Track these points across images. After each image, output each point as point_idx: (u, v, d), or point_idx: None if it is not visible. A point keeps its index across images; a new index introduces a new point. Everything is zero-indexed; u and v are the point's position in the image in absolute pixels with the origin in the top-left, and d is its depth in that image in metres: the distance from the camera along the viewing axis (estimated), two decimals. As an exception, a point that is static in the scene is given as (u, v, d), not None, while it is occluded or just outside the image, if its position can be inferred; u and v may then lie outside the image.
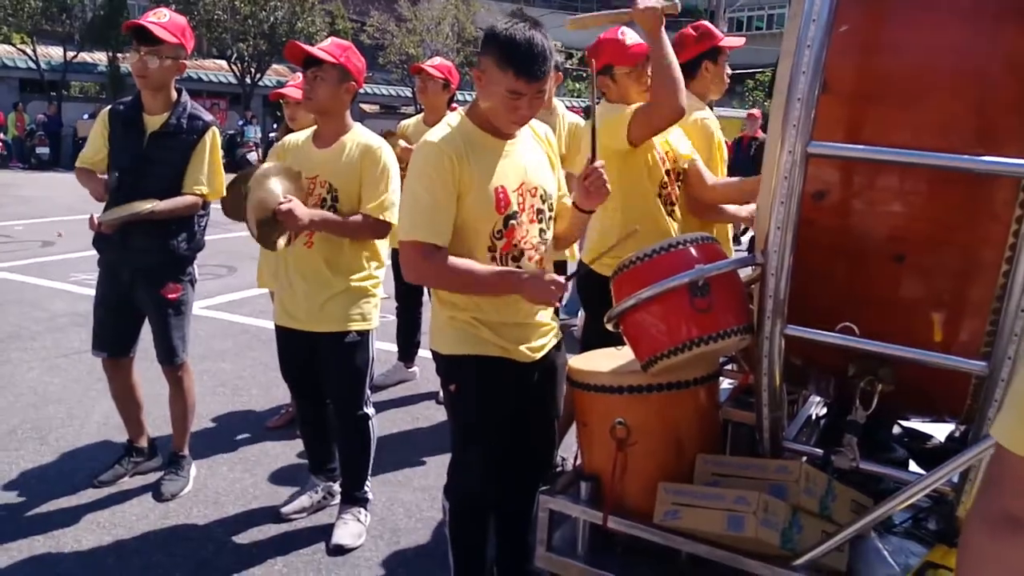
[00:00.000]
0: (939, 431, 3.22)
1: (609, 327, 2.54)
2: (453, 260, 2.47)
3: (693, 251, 2.41)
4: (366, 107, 32.24)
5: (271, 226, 3.18)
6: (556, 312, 2.85)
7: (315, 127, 3.43)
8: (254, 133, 24.22)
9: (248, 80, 29.10)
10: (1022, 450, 1.01)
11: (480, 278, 2.49)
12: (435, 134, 2.52)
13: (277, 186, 3.17)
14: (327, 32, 31.02)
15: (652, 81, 3.13)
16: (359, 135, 3.37)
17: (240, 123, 26.12)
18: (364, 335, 3.40)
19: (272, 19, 28.01)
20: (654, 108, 3.11)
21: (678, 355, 2.34)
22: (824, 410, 3.34)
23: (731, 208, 3.55)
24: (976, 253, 2.16)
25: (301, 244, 3.31)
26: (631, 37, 3.34)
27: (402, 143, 4.84)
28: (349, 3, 32.94)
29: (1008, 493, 1.02)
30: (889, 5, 2.21)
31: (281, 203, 3.11)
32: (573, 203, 2.65)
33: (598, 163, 2.49)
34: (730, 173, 3.81)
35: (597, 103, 2.77)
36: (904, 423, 3.18)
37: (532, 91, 2.41)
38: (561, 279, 2.49)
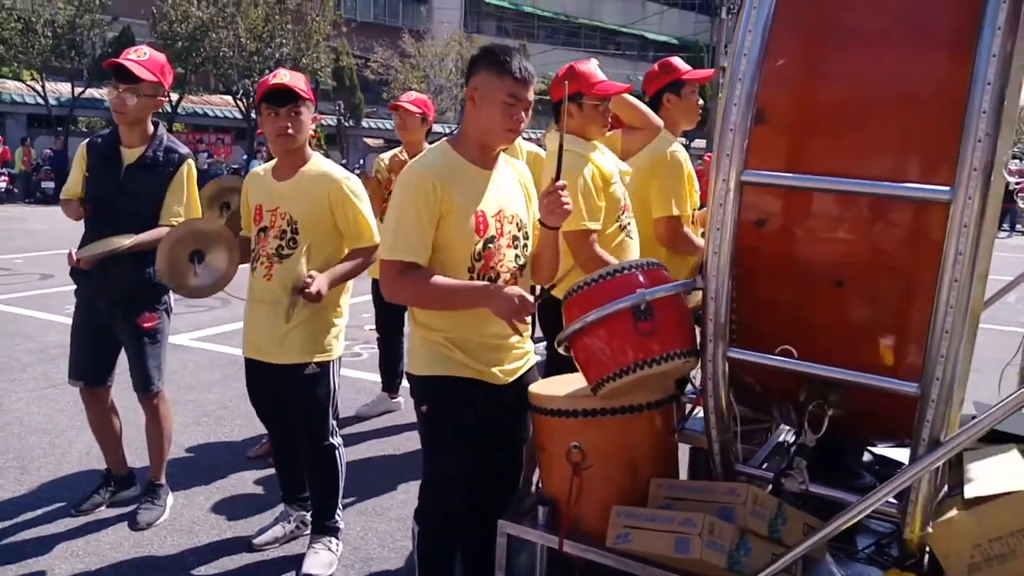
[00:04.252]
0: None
1: (560, 350, 2.59)
2: (425, 275, 2.56)
3: (639, 276, 2.46)
4: (370, 141, 32.48)
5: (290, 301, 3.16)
6: (532, 336, 2.90)
7: (276, 160, 3.42)
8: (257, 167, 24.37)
9: (254, 115, 29.32)
10: None
11: (452, 290, 2.57)
12: (420, 161, 2.70)
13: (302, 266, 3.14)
14: (331, 69, 31.46)
15: None
16: (319, 165, 3.37)
17: (244, 157, 26.36)
18: (324, 366, 3.38)
19: (277, 56, 28.32)
20: None
21: (623, 378, 2.38)
22: (793, 436, 3.35)
23: (699, 241, 3.61)
24: (912, 277, 2.19)
25: (261, 277, 3.31)
26: (601, 74, 3.42)
27: (384, 172, 4.98)
28: (354, 39, 33.36)
29: None
30: (823, 37, 2.26)
31: (307, 281, 3.10)
32: (539, 219, 2.72)
33: (560, 183, 2.59)
34: None
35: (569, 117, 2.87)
36: (874, 450, 3.19)
37: (526, 97, 2.59)
38: (530, 298, 2.54)
